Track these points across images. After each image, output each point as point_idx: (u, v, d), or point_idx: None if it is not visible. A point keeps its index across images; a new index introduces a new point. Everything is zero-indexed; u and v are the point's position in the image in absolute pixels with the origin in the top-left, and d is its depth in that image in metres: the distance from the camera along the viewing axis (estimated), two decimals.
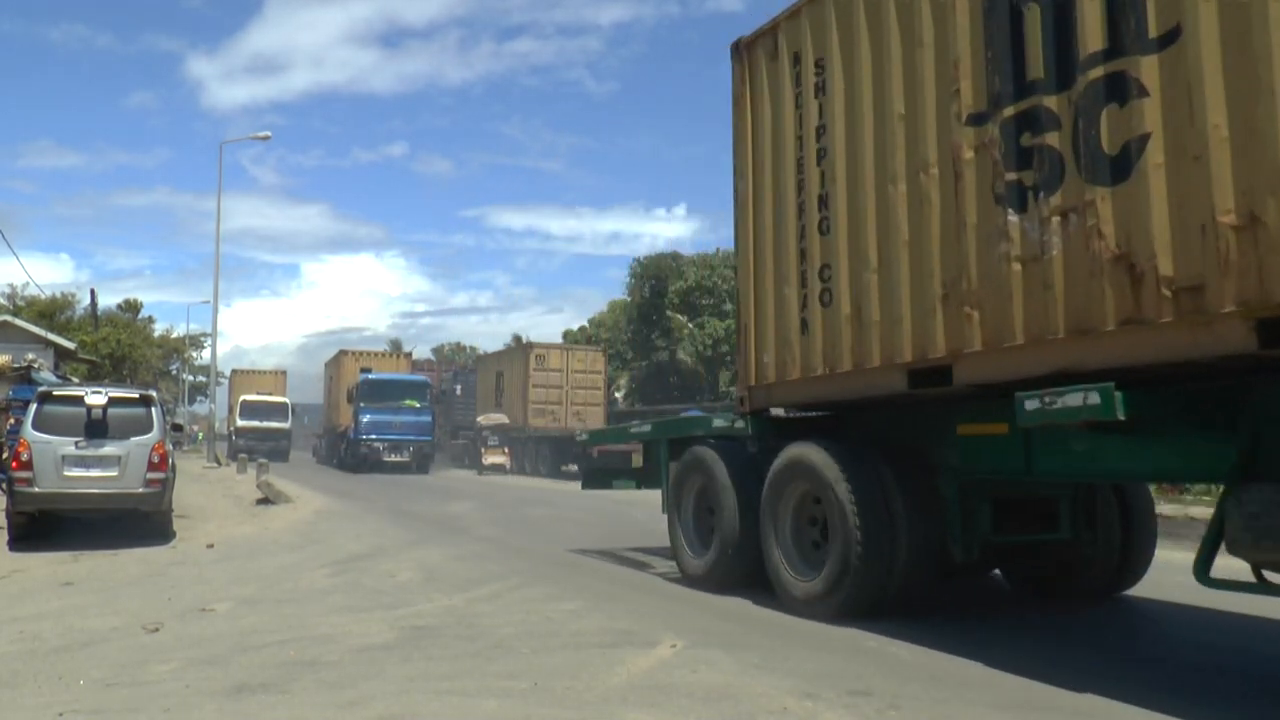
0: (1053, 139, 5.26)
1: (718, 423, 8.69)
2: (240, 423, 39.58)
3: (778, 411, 7.99)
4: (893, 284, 6.29)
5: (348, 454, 33.06)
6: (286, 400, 42.73)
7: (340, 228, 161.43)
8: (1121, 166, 4.88)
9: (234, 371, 49.06)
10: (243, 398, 41.07)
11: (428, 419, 32.45)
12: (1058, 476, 6.19)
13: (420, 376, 36.86)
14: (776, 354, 7.44)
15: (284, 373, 49.31)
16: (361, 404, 31.61)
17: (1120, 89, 4.88)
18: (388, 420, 31.36)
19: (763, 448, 7.75)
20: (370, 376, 33.09)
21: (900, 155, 6.28)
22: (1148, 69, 4.75)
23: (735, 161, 7.99)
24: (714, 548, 7.93)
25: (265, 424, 39.05)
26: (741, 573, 7.66)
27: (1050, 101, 5.28)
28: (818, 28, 7.09)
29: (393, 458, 31.05)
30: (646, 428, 10.05)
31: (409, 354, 42.34)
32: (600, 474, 12.10)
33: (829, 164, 6.91)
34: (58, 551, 10.78)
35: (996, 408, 5.75)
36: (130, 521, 11.80)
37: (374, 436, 31.20)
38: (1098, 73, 5.00)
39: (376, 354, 40.51)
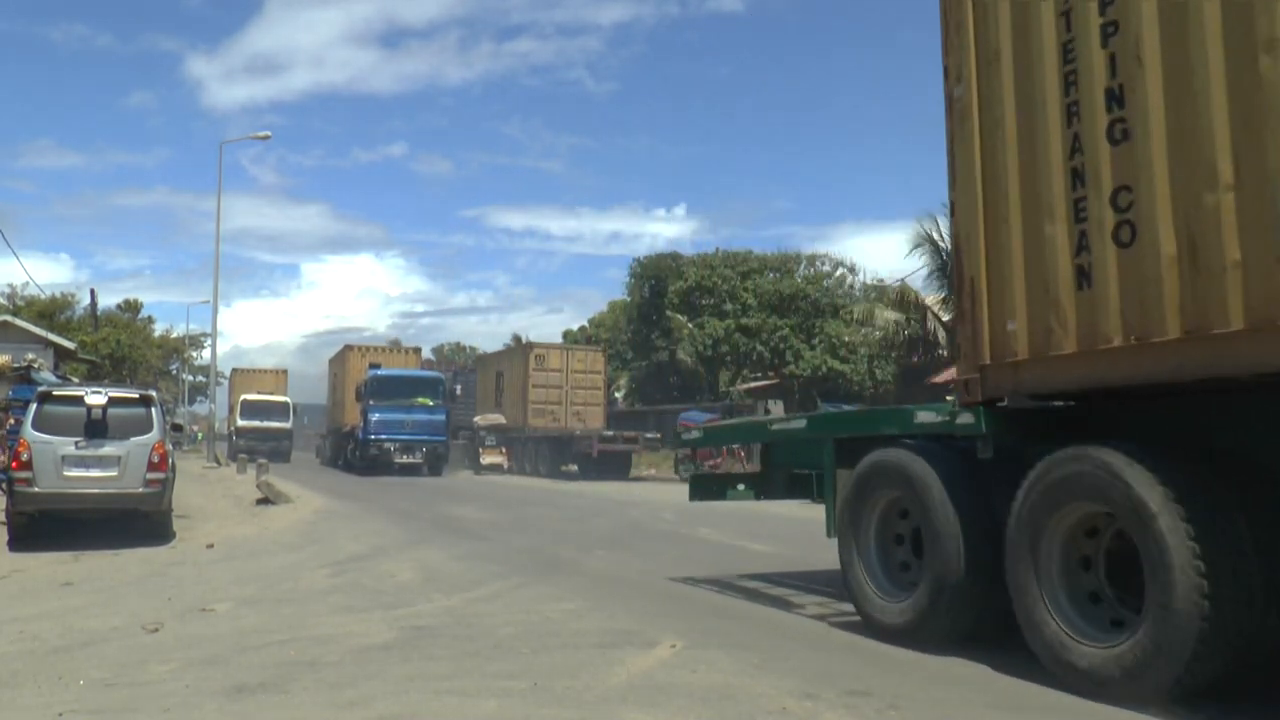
0: None
1: (924, 416, 6.23)
2: (241, 422, 38.82)
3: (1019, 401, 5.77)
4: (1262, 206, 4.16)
5: (356, 455, 31.39)
6: (288, 399, 41.93)
7: (340, 228, 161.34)
8: None
9: (234, 371, 48.22)
10: (243, 397, 40.32)
11: (441, 418, 30.59)
12: None
13: (433, 373, 35.47)
14: (1031, 319, 5.33)
15: (285, 372, 48.41)
16: (370, 402, 29.90)
17: None
18: (399, 419, 29.61)
19: (1007, 452, 5.57)
20: (380, 373, 31.51)
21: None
22: None
23: (947, 60, 5.99)
24: (923, 591, 5.79)
25: (266, 424, 38.35)
26: (967, 625, 5.70)
27: None
28: None
29: (404, 459, 29.45)
30: (799, 423, 7.78)
31: (418, 349, 40.31)
32: (709, 483, 9.87)
33: (1125, 43, 4.78)
34: (58, 552, 10.78)
35: None
36: (130, 521, 11.80)
37: (384, 436, 29.51)
38: None
39: (384, 349, 39.02)
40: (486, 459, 32.74)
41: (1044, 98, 5.26)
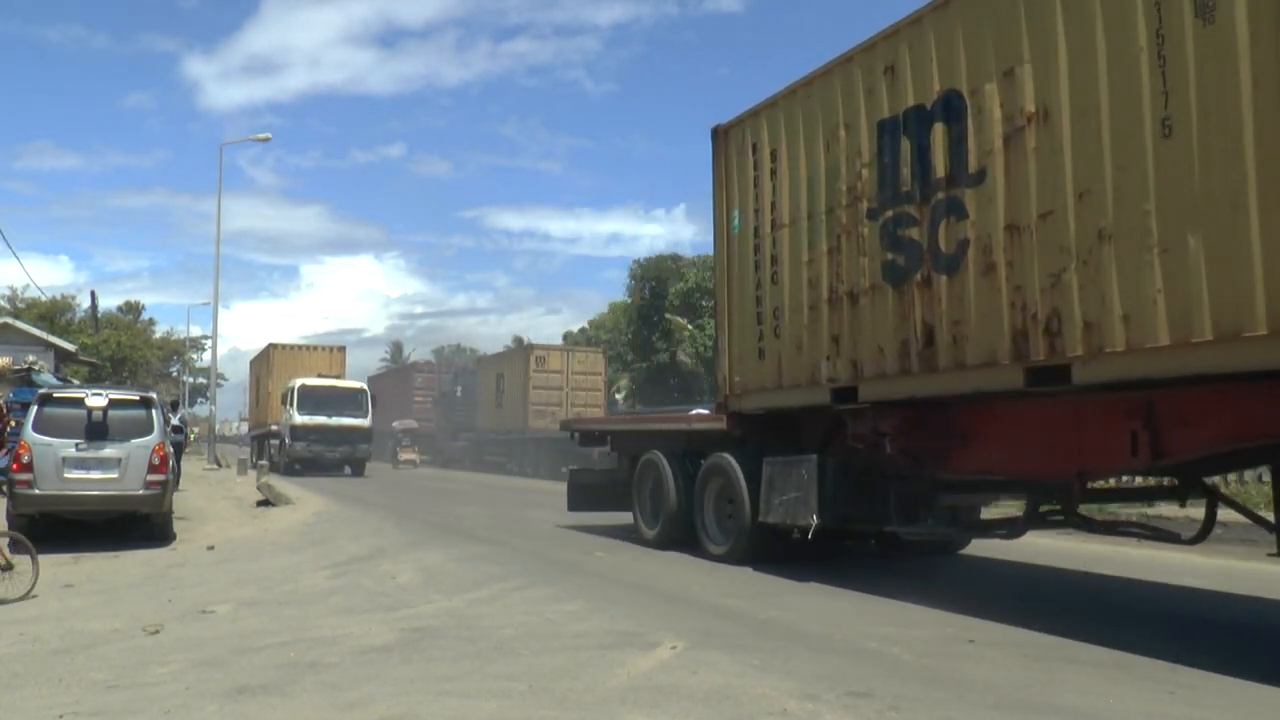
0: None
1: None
2: (299, 418, 29.07)
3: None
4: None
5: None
6: (363, 386, 32.37)
7: (339, 229, 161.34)
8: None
9: (273, 347, 35.88)
10: (300, 382, 29.95)
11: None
12: None
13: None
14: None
15: (343, 350, 36.52)
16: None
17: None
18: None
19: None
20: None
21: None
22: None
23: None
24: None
25: (337, 420, 29.19)
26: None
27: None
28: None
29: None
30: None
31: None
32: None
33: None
34: (58, 553, 10.77)
35: None
36: (131, 523, 11.80)
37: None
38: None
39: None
40: (403, 456, 38.25)
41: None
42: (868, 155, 7.96)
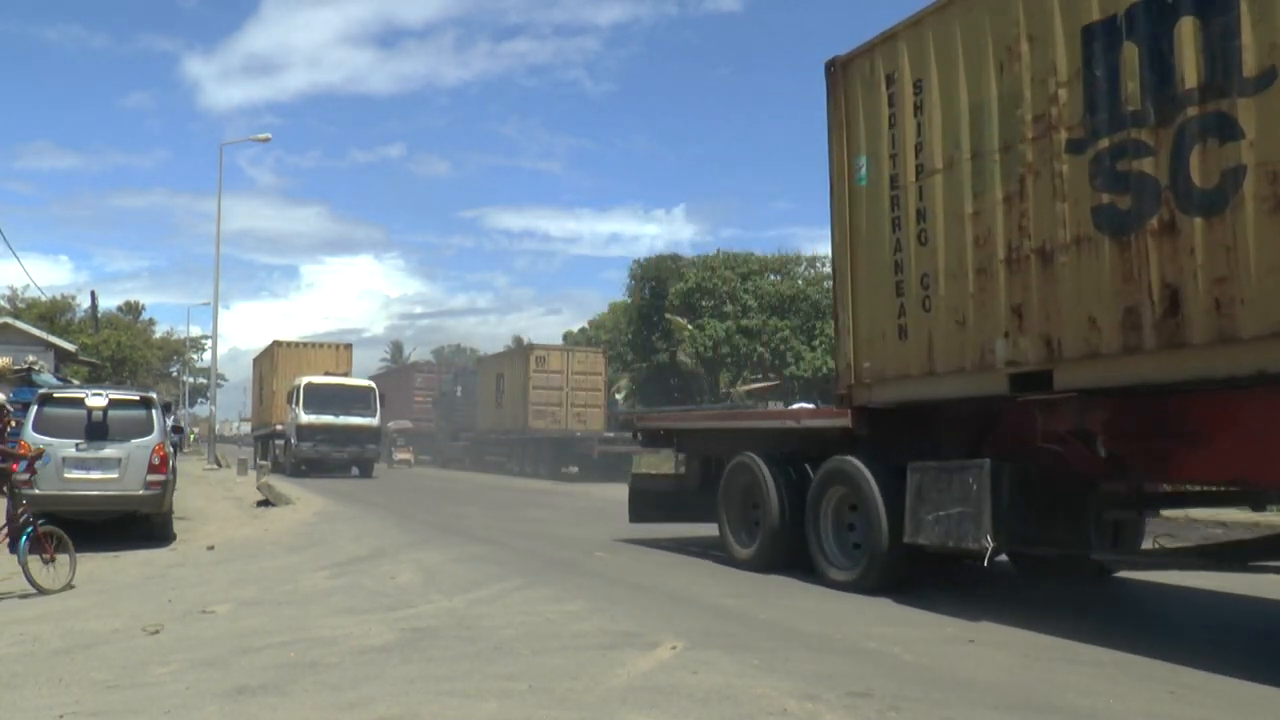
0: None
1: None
2: (305, 418, 28.19)
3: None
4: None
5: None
6: (371, 384, 31.22)
7: (338, 229, 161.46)
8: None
9: (277, 344, 35.10)
10: (307, 380, 29.17)
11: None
12: None
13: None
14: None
15: (349, 347, 36.17)
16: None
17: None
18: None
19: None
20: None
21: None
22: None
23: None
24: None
25: (344, 420, 28.39)
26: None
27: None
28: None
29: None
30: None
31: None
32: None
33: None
34: (58, 553, 10.76)
35: None
36: (131, 523, 11.80)
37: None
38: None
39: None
40: (398, 455, 39.22)
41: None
42: (1066, 72, 6.29)
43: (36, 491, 11.06)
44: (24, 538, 8.43)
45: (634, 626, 6.37)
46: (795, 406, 12.67)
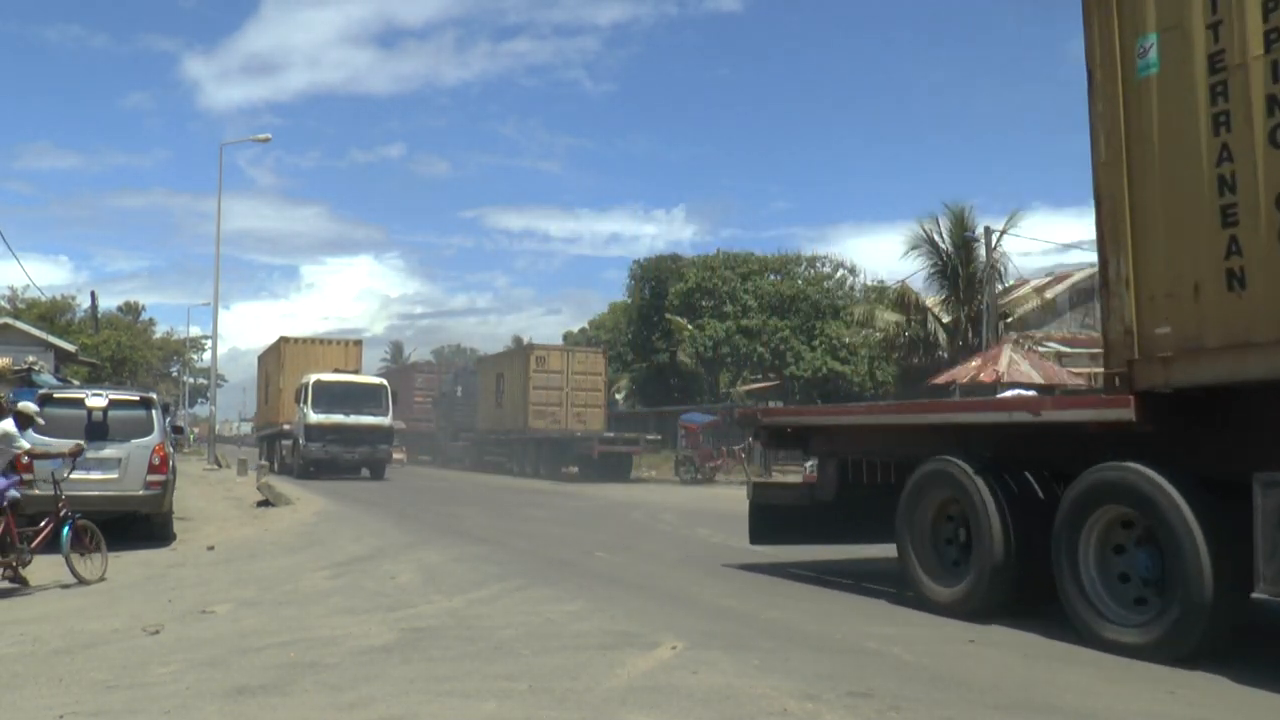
0: None
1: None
2: (315, 417, 26.98)
3: None
4: None
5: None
6: (383, 381, 30.38)
7: (338, 229, 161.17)
8: None
9: (284, 341, 33.38)
10: (316, 378, 27.87)
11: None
12: None
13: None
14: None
15: (359, 344, 34.46)
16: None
17: None
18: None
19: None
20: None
21: None
22: None
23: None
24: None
25: (355, 419, 27.14)
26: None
27: None
28: None
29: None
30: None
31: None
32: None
33: None
34: (58, 553, 10.76)
35: None
36: (131, 523, 11.80)
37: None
38: None
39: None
40: (393, 455, 36.37)
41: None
42: None
43: (36, 492, 11.07)
44: (66, 530, 8.85)
45: (634, 626, 6.37)
46: (1011, 394, 9.41)
